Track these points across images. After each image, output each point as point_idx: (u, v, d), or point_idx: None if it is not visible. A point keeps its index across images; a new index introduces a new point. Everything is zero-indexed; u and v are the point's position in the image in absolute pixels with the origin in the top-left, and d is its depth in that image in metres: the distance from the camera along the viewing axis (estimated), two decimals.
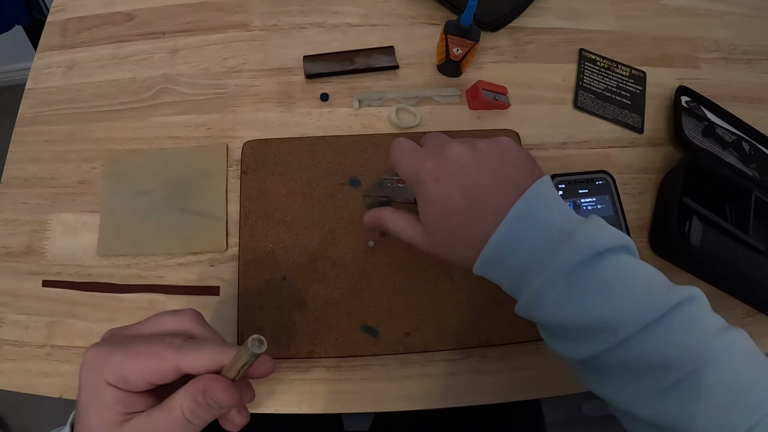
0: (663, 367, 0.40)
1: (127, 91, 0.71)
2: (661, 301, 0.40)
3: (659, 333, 0.40)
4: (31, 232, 0.64)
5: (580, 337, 0.43)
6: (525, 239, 0.42)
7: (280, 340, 0.58)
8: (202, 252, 0.62)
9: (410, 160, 0.48)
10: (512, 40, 0.76)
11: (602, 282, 0.41)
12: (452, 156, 0.46)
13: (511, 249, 0.42)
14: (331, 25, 0.75)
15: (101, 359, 0.36)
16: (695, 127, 0.70)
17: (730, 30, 0.81)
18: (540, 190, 0.43)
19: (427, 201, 0.46)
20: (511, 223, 0.42)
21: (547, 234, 0.42)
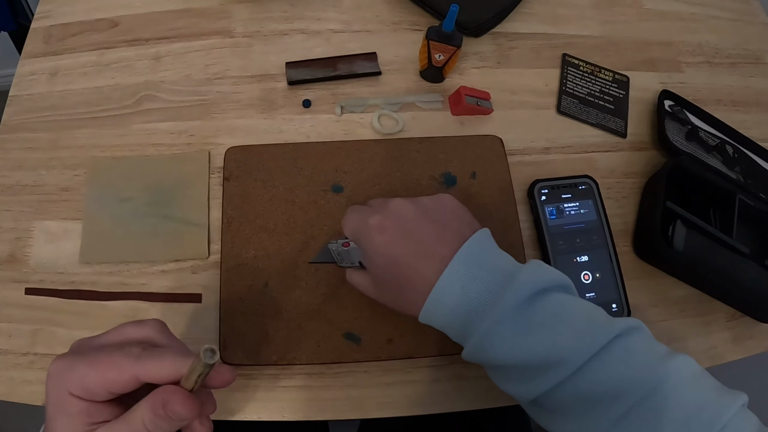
0: (613, 397, 0.42)
1: (110, 98, 0.71)
2: (603, 333, 0.43)
3: (604, 363, 0.42)
4: (13, 239, 0.64)
5: (530, 375, 0.44)
6: (472, 281, 0.44)
7: (262, 347, 0.57)
8: (184, 259, 0.62)
9: (355, 218, 0.51)
10: (495, 46, 0.76)
11: (547, 317, 0.44)
12: (396, 209, 0.48)
13: (457, 292, 0.44)
14: (313, 31, 0.75)
15: (64, 371, 0.37)
16: (679, 130, 0.70)
17: (714, 34, 0.81)
18: (481, 239, 0.47)
19: (372, 253, 0.48)
20: (456, 269, 0.44)
21: (492, 276, 0.44)
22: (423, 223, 0.48)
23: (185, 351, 0.40)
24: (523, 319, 0.43)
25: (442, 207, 0.50)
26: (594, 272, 0.62)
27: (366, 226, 0.48)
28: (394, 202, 0.49)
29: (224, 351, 0.57)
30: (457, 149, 0.67)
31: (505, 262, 0.46)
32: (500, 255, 0.47)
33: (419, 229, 0.47)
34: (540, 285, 0.44)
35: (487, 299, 0.44)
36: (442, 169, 0.66)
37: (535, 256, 0.64)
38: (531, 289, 0.43)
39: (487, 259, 0.46)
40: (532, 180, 0.66)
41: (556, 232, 0.64)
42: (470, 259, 0.45)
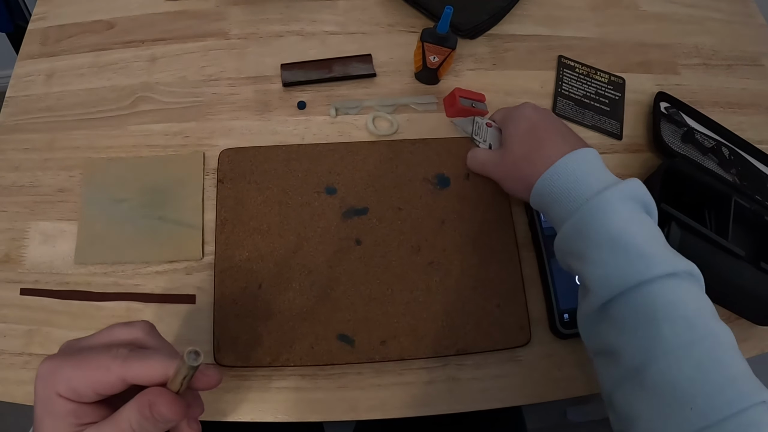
0: (672, 320, 0.45)
1: (106, 100, 0.71)
2: (683, 261, 0.49)
3: (673, 285, 0.47)
4: (9, 240, 0.64)
5: (626, 260, 0.47)
6: (599, 166, 0.55)
7: (256, 348, 0.58)
8: (178, 260, 0.62)
9: (509, 108, 0.64)
10: (491, 48, 0.76)
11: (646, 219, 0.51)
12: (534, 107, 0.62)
13: (586, 166, 0.54)
14: (309, 33, 0.76)
15: (52, 371, 0.36)
16: (674, 132, 0.70)
17: (710, 36, 0.81)
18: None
19: (519, 119, 0.60)
20: (586, 153, 0.55)
21: (608, 172, 0.55)
22: (566, 128, 0.60)
23: (172, 352, 0.40)
24: (625, 211, 0.49)
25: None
26: None
27: (521, 106, 0.62)
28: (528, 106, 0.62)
29: (218, 353, 0.57)
30: (450, 151, 0.67)
31: (610, 173, 0.55)
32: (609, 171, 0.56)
33: (562, 126, 0.60)
34: (638, 193, 0.52)
35: (610, 180, 0.52)
36: (436, 170, 0.66)
37: (529, 257, 0.64)
38: (631, 192, 0.51)
39: (604, 166, 0.56)
40: None
41: (551, 234, 0.63)
42: (593, 157, 0.55)
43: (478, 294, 0.60)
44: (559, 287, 0.61)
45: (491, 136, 0.65)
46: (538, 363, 0.60)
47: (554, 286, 0.61)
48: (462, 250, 0.62)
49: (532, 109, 0.60)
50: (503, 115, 0.64)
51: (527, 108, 0.60)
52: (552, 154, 0.55)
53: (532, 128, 0.58)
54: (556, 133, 0.57)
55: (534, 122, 0.59)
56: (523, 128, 0.59)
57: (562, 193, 0.53)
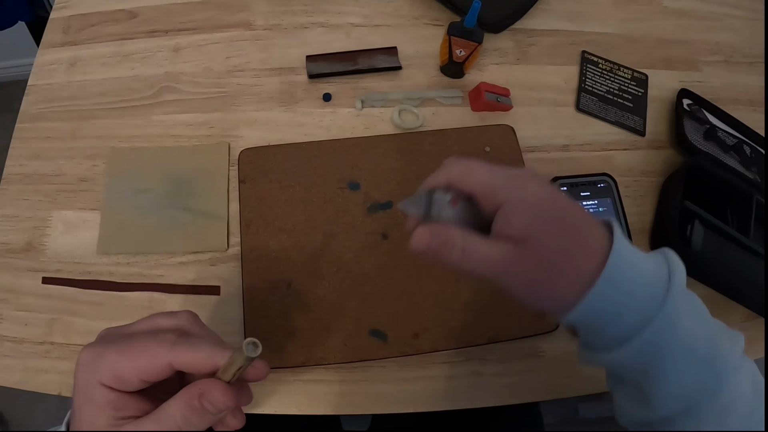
0: None
1: (129, 89, 0.71)
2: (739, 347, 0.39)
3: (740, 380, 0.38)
4: (31, 228, 0.64)
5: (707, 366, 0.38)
6: (643, 257, 0.38)
7: (288, 348, 0.57)
8: (202, 251, 0.62)
9: (490, 169, 0.40)
10: (515, 42, 0.76)
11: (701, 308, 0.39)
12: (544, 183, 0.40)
13: (637, 263, 0.37)
14: (334, 25, 0.76)
15: (95, 359, 0.36)
16: (697, 130, 0.70)
17: (731, 33, 0.81)
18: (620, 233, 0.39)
19: (529, 198, 0.37)
20: (625, 244, 0.37)
21: (648, 260, 0.38)
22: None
23: (220, 341, 0.39)
24: (691, 297, 0.38)
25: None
26: None
27: (518, 173, 0.39)
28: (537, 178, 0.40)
29: None
30: (470, 141, 0.67)
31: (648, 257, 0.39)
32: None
33: (573, 204, 0.39)
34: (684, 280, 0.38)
35: (660, 273, 0.37)
36: None
37: None
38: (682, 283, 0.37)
39: (636, 250, 0.39)
40: (551, 177, 0.66)
41: None
42: (629, 252, 0.37)
43: None
44: None
45: (459, 218, 0.40)
46: (559, 358, 0.60)
47: None
48: None
49: (538, 185, 0.38)
50: (491, 181, 0.39)
51: (533, 183, 0.38)
52: (596, 248, 0.37)
53: (555, 218, 0.37)
54: (585, 216, 0.38)
55: (557, 207, 0.38)
56: (543, 219, 0.37)
57: (622, 305, 0.36)
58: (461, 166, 0.41)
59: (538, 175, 0.40)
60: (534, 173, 0.40)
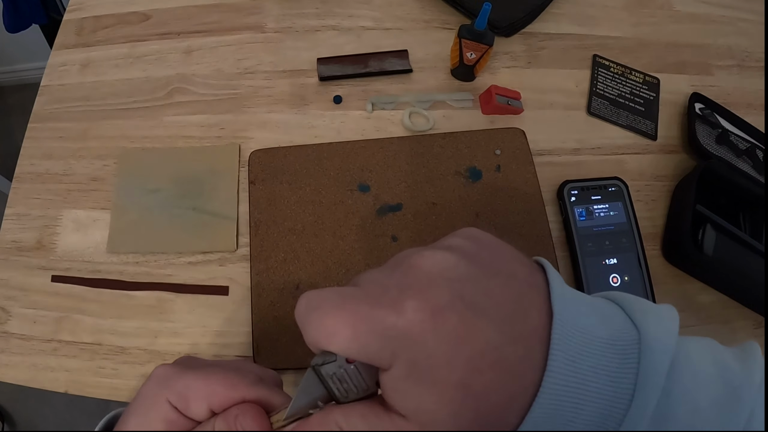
0: None
1: (141, 90, 0.71)
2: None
3: None
4: (42, 227, 0.65)
5: None
6: (591, 344, 0.28)
7: (296, 350, 0.57)
8: (212, 251, 0.62)
9: (364, 309, 0.27)
10: (526, 46, 0.76)
11: None
12: (435, 269, 0.28)
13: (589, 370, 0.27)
14: (345, 28, 0.76)
15: (171, 376, 0.35)
16: (709, 134, 0.70)
17: (744, 37, 0.81)
18: (560, 279, 0.30)
19: (427, 359, 0.26)
20: (568, 337, 0.27)
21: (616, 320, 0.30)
22: (484, 279, 0.28)
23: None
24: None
25: (482, 244, 0.31)
26: (623, 275, 0.62)
27: (401, 317, 0.26)
28: (423, 259, 0.28)
29: (258, 356, 0.57)
30: (480, 143, 0.67)
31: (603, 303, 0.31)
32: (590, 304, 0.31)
33: (487, 292, 0.28)
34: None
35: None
36: (467, 163, 0.66)
37: (564, 257, 0.63)
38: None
39: (584, 298, 0.30)
40: (562, 181, 0.66)
41: (585, 234, 0.63)
42: (571, 307, 0.28)
43: None
44: (593, 288, 0.61)
45: (368, 374, 0.29)
46: None
47: (588, 288, 0.61)
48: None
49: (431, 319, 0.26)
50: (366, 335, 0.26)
51: (423, 326, 0.26)
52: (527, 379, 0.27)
53: (470, 371, 0.26)
54: (507, 338, 0.27)
55: (466, 356, 0.26)
56: (457, 376, 0.26)
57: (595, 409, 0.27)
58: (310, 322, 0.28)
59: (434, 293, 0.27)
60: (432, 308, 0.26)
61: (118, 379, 0.58)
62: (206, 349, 0.59)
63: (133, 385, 0.58)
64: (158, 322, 0.60)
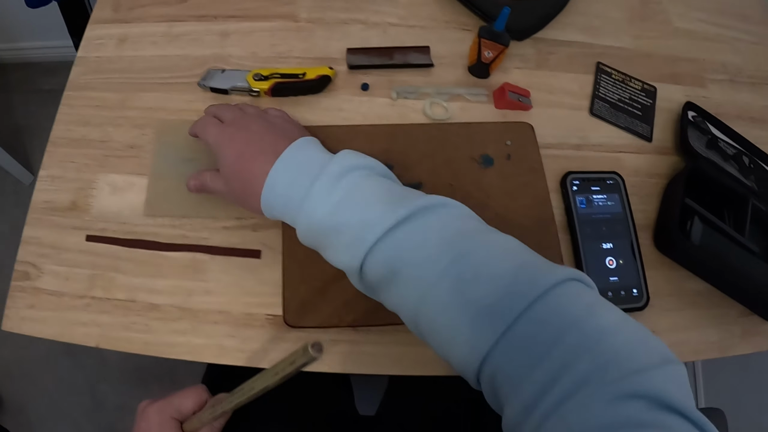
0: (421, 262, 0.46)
1: (178, 66, 0.75)
2: (410, 205, 0.48)
3: (408, 230, 0.48)
4: (76, 189, 0.67)
5: (350, 241, 0.49)
6: (300, 167, 0.53)
7: (323, 310, 0.62)
8: (245, 217, 0.66)
9: (214, 131, 0.60)
10: (536, 50, 0.82)
11: (355, 189, 0.50)
12: (244, 122, 0.59)
13: (286, 178, 0.52)
14: (372, 23, 0.81)
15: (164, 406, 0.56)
16: (700, 139, 0.76)
17: (737, 55, 0.87)
18: (309, 139, 0.57)
19: (223, 158, 0.57)
20: (285, 160, 0.53)
21: (314, 160, 0.53)
22: (262, 128, 0.57)
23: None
24: (337, 191, 0.50)
25: (278, 118, 0.62)
26: (618, 259, 0.68)
27: (222, 137, 0.58)
28: (244, 116, 0.60)
29: (287, 314, 0.61)
30: (492, 134, 0.72)
31: (322, 155, 0.55)
32: (323, 150, 0.56)
33: (261, 134, 0.57)
34: (346, 166, 0.52)
35: (310, 179, 0.51)
36: (480, 151, 0.71)
37: (565, 239, 0.69)
38: (339, 168, 0.51)
39: (312, 151, 0.55)
40: (565, 172, 0.72)
41: (585, 220, 0.69)
42: (297, 152, 0.54)
43: None
44: (591, 268, 0.67)
45: None
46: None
47: (587, 267, 0.67)
48: (507, 223, 0.67)
49: (229, 142, 0.58)
50: (214, 140, 0.60)
51: (226, 143, 0.58)
52: (261, 178, 0.54)
53: (234, 162, 0.57)
54: (258, 152, 0.55)
55: (234, 156, 0.56)
56: (229, 166, 0.57)
57: (286, 214, 0.54)
58: (199, 124, 0.63)
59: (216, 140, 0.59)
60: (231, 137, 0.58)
61: (149, 335, 0.61)
62: (238, 306, 0.62)
63: (165, 340, 0.61)
64: (192, 281, 0.63)
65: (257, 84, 0.70)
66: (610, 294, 0.66)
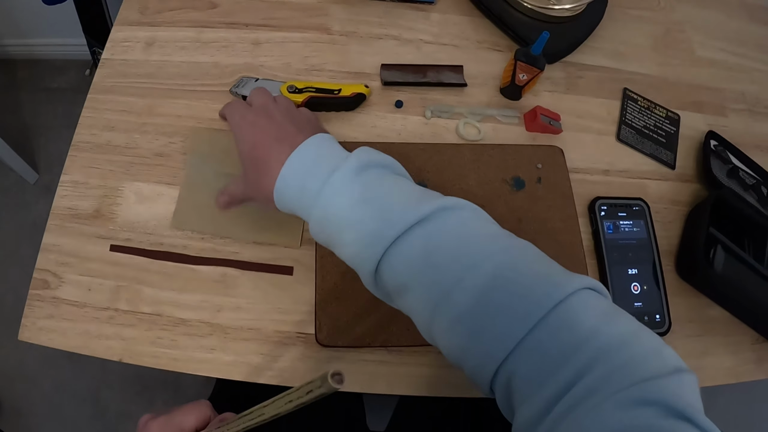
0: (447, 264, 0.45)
1: (208, 75, 0.74)
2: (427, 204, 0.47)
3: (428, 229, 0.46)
4: (101, 196, 0.66)
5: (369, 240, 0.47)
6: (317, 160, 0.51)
7: (355, 329, 0.61)
8: (276, 244, 0.65)
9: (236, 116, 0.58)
10: (566, 73, 0.82)
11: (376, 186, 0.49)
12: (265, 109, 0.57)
13: (302, 170, 0.50)
14: (406, 39, 0.80)
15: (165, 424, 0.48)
16: (721, 168, 0.78)
17: (756, 85, 0.89)
18: (328, 136, 0.54)
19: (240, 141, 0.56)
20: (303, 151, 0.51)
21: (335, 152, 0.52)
22: (285, 119, 0.55)
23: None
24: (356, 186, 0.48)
25: (303, 115, 0.58)
26: (642, 284, 0.69)
27: (244, 121, 0.56)
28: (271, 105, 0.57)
29: (319, 333, 0.61)
30: (524, 156, 0.73)
31: (340, 150, 0.53)
32: (341, 147, 0.54)
33: (283, 124, 0.54)
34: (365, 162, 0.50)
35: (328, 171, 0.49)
36: (512, 173, 0.72)
37: (592, 264, 0.70)
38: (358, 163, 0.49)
39: (332, 146, 0.53)
40: (593, 197, 0.72)
41: (612, 245, 0.70)
42: (315, 144, 0.52)
43: None
44: (617, 294, 0.68)
45: None
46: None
47: (613, 293, 0.68)
48: (538, 247, 0.67)
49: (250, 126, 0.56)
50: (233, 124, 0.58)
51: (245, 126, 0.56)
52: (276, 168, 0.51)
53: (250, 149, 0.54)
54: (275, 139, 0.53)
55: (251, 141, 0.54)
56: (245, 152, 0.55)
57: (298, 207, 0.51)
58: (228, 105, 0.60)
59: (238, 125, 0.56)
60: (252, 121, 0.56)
61: (177, 350, 0.60)
62: (268, 324, 0.62)
63: (193, 356, 0.60)
64: (222, 296, 0.62)
65: (292, 96, 0.69)
66: None
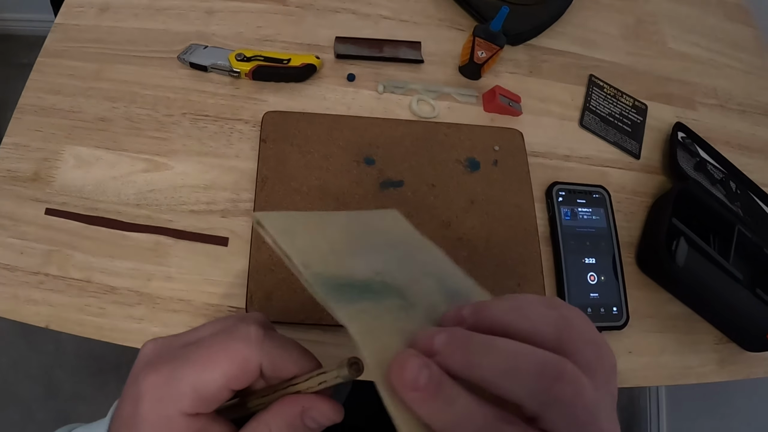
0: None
1: (158, 41, 0.72)
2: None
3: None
4: (40, 159, 0.64)
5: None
6: None
7: (290, 305, 0.58)
8: (215, 201, 0.63)
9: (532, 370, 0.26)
10: (529, 56, 0.80)
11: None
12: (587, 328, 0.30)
13: None
14: (363, 14, 0.79)
15: (167, 384, 0.29)
16: (688, 160, 0.75)
17: (729, 81, 0.87)
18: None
19: None
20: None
21: None
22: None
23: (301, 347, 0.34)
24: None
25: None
26: (599, 275, 0.66)
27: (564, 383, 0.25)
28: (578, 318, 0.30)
29: (250, 305, 0.58)
30: (480, 138, 0.71)
31: None
32: None
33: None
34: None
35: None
36: (467, 154, 0.69)
37: (547, 251, 0.67)
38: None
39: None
40: (551, 181, 0.70)
41: (568, 232, 0.67)
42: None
43: (500, 271, 0.63)
44: (572, 283, 0.65)
45: None
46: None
47: (568, 282, 0.65)
48: (488, 230, 0.65)
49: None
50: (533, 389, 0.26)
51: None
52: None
53: None
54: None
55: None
56: None
57: None
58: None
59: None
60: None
61: (103, 319, 0.57)
62: (198, 296, 0.59)
63: (120, 326, 0.57)
64: (153, 265, 0.60)
65: (239, 65, 0.68)
66: (589, 310, 0.64)
